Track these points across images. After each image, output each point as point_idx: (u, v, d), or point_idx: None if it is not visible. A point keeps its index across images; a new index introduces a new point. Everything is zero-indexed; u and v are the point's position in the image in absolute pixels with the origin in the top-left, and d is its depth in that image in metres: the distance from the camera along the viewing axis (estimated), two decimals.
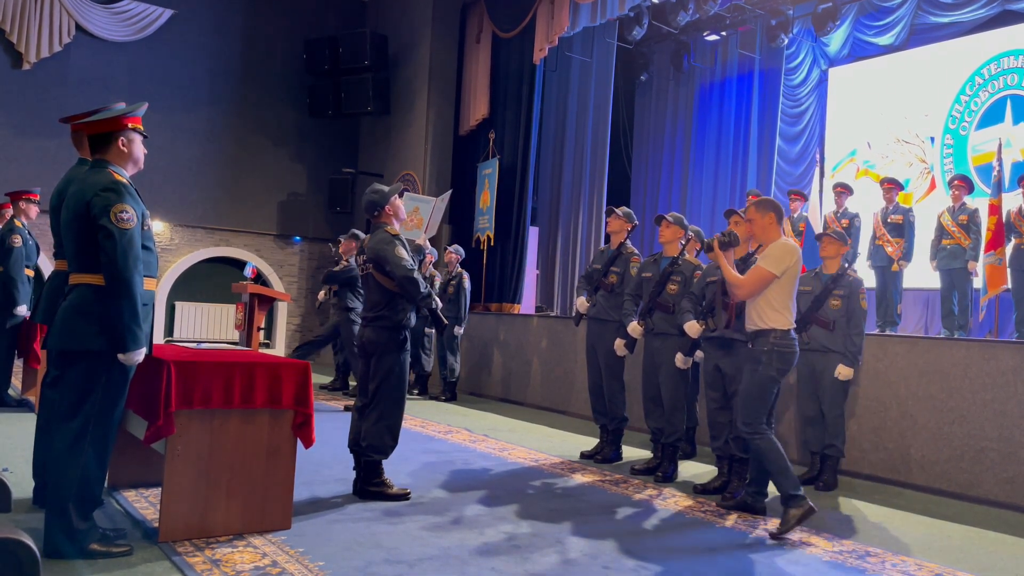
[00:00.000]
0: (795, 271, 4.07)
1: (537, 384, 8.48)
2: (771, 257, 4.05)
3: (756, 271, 4.07)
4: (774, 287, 4.05)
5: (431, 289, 4.37)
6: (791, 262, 4.04)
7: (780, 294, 4.05)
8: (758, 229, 4.21)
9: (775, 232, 4.16)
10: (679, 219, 5.39)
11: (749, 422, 4.06)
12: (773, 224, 4.17)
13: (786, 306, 4.07)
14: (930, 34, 9.57)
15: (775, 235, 4.16)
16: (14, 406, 6.48)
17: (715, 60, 11.39)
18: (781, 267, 4.02)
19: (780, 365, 4.05)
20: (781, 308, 4.06)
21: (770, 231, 4.17)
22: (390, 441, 4.25)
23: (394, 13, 12.33)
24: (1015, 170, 7.82)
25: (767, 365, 4.04)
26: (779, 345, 4.04)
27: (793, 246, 4.12)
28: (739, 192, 10.56)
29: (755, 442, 4.06)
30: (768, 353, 4.04)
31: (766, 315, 4.06)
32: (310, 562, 3.15)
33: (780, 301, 4.06)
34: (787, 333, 4.06)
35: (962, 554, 3.84)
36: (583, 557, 3.43)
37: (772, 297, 4.06)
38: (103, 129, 3.17)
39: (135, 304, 3.03)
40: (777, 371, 4.06)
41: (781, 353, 4.04)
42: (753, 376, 4.10)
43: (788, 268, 4.03)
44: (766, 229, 4.17)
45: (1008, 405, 4.83)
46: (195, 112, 11.71)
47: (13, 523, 3.30)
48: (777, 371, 4.06)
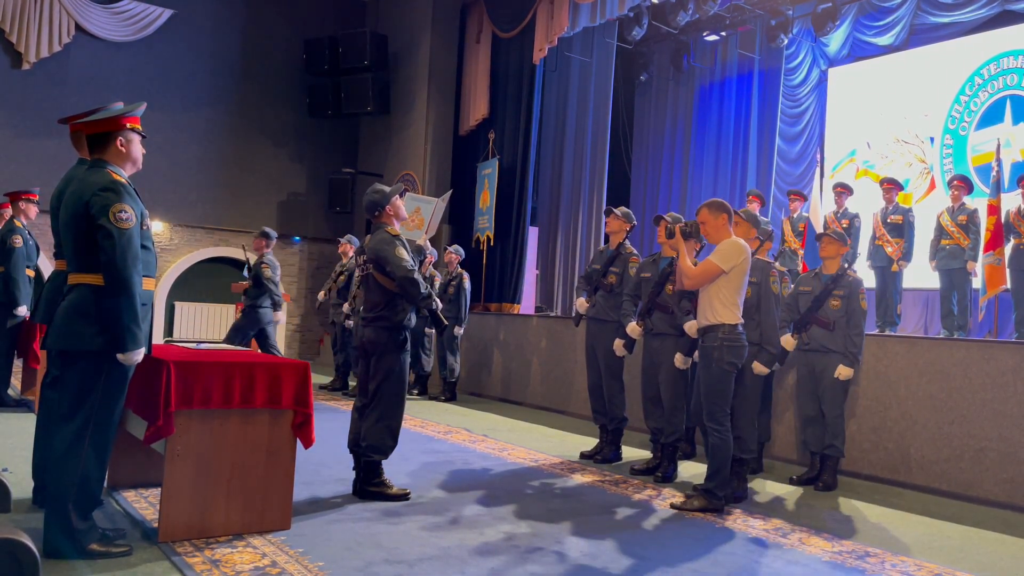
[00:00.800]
0: (743, 268, 4.27)
1: (537, 384, 8.48)
2: (721, 253, 4.26)
3: (706, 264, 4.28)
4: (723, 283, 4.24)
5: (431, 289, 4.37)
6: (739, 260, 4.24)
7: (729, 290, 4.25)
8: (711, 229, 4.39)
9: (727, 232, 4.37)
10: (678, 220, 5.38)
11: (713, 418, 4.29)
12: (725, 225, 4.37)
13: (734, 302, 4.27)
14: (930, 34, 9.57)
15: (727, 235, 4.36)
16: (13, 406, 6.48)
17: (715, 60, 11.38)
18: (730, 264, 4.22)
19: (731, 358, 4.26)
20: (730, 304, 4.26)
21: (722, 231, 4.37)
22: (390, 441, 4.25)
23: (394, 13, 12.33)
24: (1015, 170, 7.82)
25: (719, 360, 4.24)
26: (728, 340, 4.24)
27: (743, 246, 4.32)
28: (739, 192, 10.55)
29: (715, 437, 4.29)
30: (719, 348, 4.24)
31: (716, 311, 4.26)
32: (310, 562, 3.15)
33: (729, 297, 4.25)
34: (735, 328, 4.26)
35: (962, 554, 3.84)
36: (583, 557, 3.43)
37: (722, 293, 4.25)
38: (101, 129, 3.17)
39: (134, 304, 3.03)
40: (729, 364, 4.26)
41: (731, 347, 4.25)
42: (708, 372, 4.29)
43: (736, 265, 4.23)
44: (718, 229, 4.37)
45: (1007, 405, 4.83)
46: (195, 112, 11.71)
47: (13, 523, 3.31)
48: (729, 364, 4.26)
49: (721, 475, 4.29)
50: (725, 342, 4.24)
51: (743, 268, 4.27)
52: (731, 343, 4.25)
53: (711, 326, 4.27)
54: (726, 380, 4.30)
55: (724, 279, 4.24)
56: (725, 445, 4.30)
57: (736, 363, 4.30)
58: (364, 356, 4.34)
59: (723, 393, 4.30)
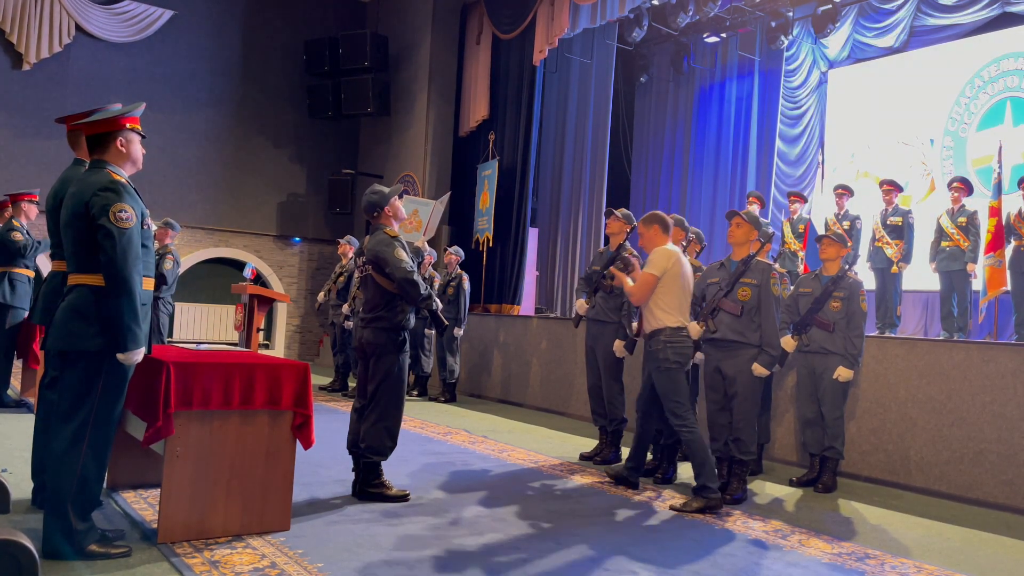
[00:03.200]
0: (675, 271, 4.51)
1: (536, 385, 8.47)
2: (651, 263, 4.57)
3: (642, 277, 4.57)
4: (661, 291, 4.52)
5: (431, 290, 4.37)
6: (669, 264, 4.50)
7: (666, 296, 4.52)
8: (646, 240, 4.71)
9: (660, 240, 4.66)
10: (679, 221, 5.39)
11: (676, 415, 4.50)
12: (658, 234, 4.67)
13: (673, 306, 4.52)
14: (930, 36, 9.57)
15: (661, 243, 4.65)
16: (13, 407, 6.48)
17: (715, 62, 11.39)
18: (660, 269, 4.49)
19: (676, 357, 4.49)
20: (668, 309, 4.52)
21: (655, 240, 4.67)
22: (389, 442, 4.25)
23: (394, 14, 12.33)
24: (1015, 172, 7.82)
25: (665, 360, 4.48)
26: (671, 341, 4.49)
27: (670, 250, 4.59)
28: (739, 194, 10.56)
29: (684, 434, 4.49)
30: (663, 349, 4.49)
31: (657, 316, 4.53)
32: (309, 563, 3.15)
33: (667, 302, 4.52)
34: (678, 330, 4.52)
35: (961, 556, 3.84)
36: (582, 558, 3.43)
37: (660, 300, 4.52)
38: (101, 129, 3.17)
39: (134, 303, 3.03)
40: (675, 363, 4.49)
41: (674, 347, 4.49)
42: (658, 374, 4.53)
43: (667, 269, 4.49)
44: (652, 239, 4.68)
45: (1007, 407, 4.83)
46: (195, 113, 11.72)
47: (12, 524, 3.31)
48: (675, 363, 4.49)
49: (707, 468, 4.40)
50: (668, 343, 4.48)
51: (675, 271, 4.50)
52: (674, 343, 4.48)
53: (654, 330, 4.53)
54: (677, 378, 4.50)
55: (660, 286, 4.49)
56: (696, 438, 4.45)
57: (681, 361, 4.50)
58: (363, 357, 4.34)
59: (678, 391, 4.50)
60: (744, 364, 4.62)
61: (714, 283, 4.80)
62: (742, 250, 4.77)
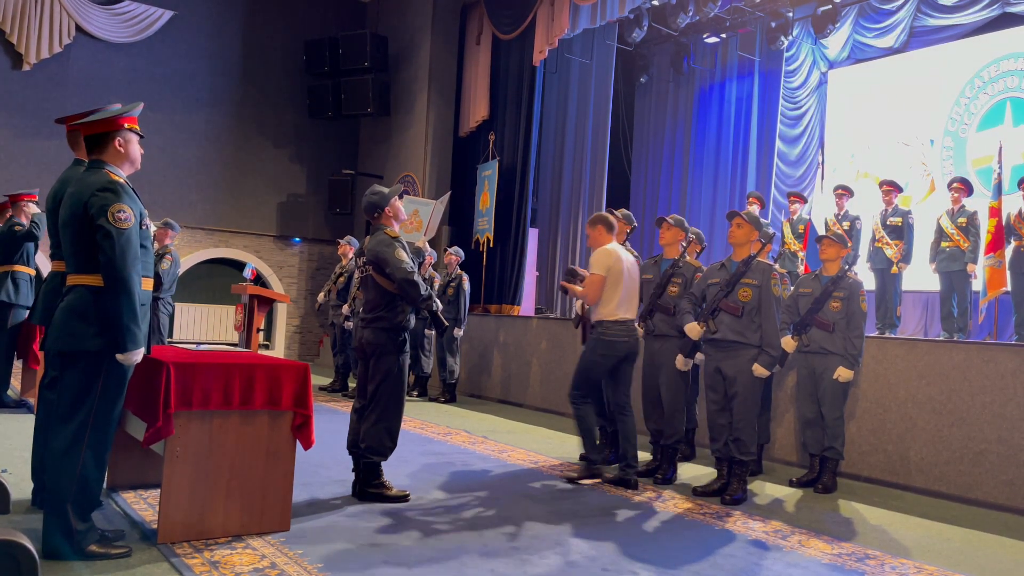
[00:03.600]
0: (617, 268, 4.80)
1: (537, 386, 8.47)
2: (594, 263, 4.85)
3: (589, 279, 4.87)
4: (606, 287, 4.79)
5: (431, 291, 4.37)
6: (611, 261, 4.79)
7: (609, 291, 4.80)
8: (591, 240, 5.00)
9: (604, 240, 4.94)
10: (680, 221, 5.39)
11: (577, 389, 4.92)
12: (602, 234, 4.95)
13: (610, 299, 4.80)
14: (930, 36, 9.57)
15: (604, 242, 4.93)
16: (13, 407, 6.48)
17: (715, 62, 11.39)
18: (604, 268, 4.78)
19: (603, 351, 4.83)
20: (606, 302, 4.81)
21: (600, 240, 4.94)
22: (389, 443, 4.25)
23: (394, 14, 12.33)
24: (1015, 173, 7.82)
25: (593, 351, 4.87)
26: (604, 334, 4.81)
27: (610, 249, 4.87)
28: (739, 194, 10.55)
29: (576, 407, 4.92)
30: (596, 341, 4.84)
31: (598, 310, 4.86)
32: (309, 563, 3.15)
33: (609, 296, 4.80)
34: (612, 324, 4.80)
35: (962, 556, 3.84)
36: (583, 559, 3.43)
37: (604, 295, 4.81)
38: (100, 130, 3.17)
39: (134, 304, 3.02)
40: (600, 356, 4.85)
41: (604, 341, 4.81)
42: (584, 356, 4.95)
43: (610, 267, 4.78)
44: (596, 240, 4.96)
45: (1007, 407, 4.83)
46: (195, 113, 11.72)
47: (12, 524, 3.30)
48: (600, 356, 4.85)
49: (589, 439, 4.92)
50: (601, 336, 4.82)
51: (617, 268, 4.80)
52: (604, 337, 4.81)
53: (595, 322, 4.91)
54: (595, 368, 4.88)
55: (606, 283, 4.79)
56: (583, 413, 4.89)
57: (607, 355, 4.83)
58: (363, 357, 4.33)
59: (589, 377, 4.91)
60: (744, 364, 4.62)
61: (715, 284, 4.80)
62: (743, 251, 4.78)
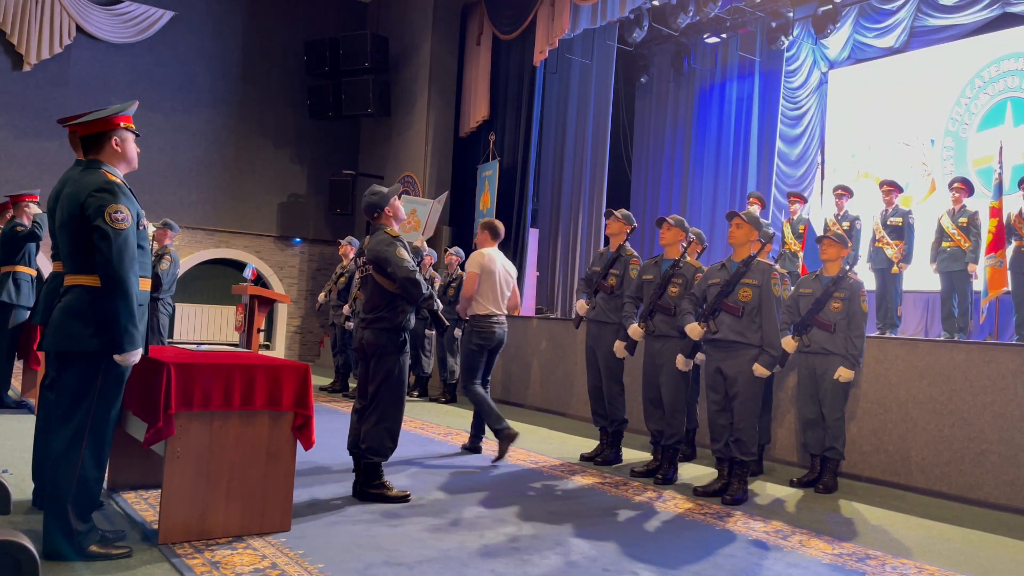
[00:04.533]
0: (489, 268, 5.55)
1: (537, 386, 8.47)
2: (469, 263, 5.61)
3: (466, 276, 5.62)
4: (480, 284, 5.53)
5: (432, 290, 4.37)
6: (484, 260, 5.56)
7: (481, 287, 5.55)
8: (477, 242, 5.79)
9: (487, 244, 5.71)
10: (680, 221, 5.38)
11: (464, 379, 5.61)
12: (486, 239, 5.73)
13: (484, 296, 5.55)
14: (930, 36, 9.57)
15: (486, 246, 5.69)
16: (14, 408, 6.48)
17: (715, 62, 11.39)
18: (478, 266, 5.54)
19: (478, 340, 5.57)
20: (480, 299, 5.56)
21: (483, 243, 5.73)
22: (389, 443, 4.25)
23: (395, 15, 12.34)
24: (1016, 173, 7.82)
25: (469, 341, 5.59)
26: (476, 326, 5.57)
27: (484, 252, 5.62)
28: (739, 194, 10.55)
29: (468, 392, 5.55)
30: (471, 332, 5.57)
31: (472, 306, 5.58)
32: (310, 564, 3.14)
33: (481, 292, 5.55)
34: (484, 317, 5.55)
35: (962, 557, 3.83)
36: (583, 559, 3.43)
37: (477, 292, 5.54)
38: (96, 129, 3.16)
39: (131, 304, 3.02)
40: (476, 345, 5.57)
41: (477, 332, 5.56)
42: (463, 348, 5.69)
43: (483, 266, 5.53)
44: (480, 242, 5.76)
45: (1008, 408, 4.82)
46: (195, 113, 11.72)
47: (12, 525, 3.30)
48: (476, 345, 5.57)
49: (490, 416, 5.45)
50: (475, 327, 5.56)
51: (489, 268, 5.55)
52: (479, 329, 5.55)
53: (469, 316, 5.59)
54: (474, 357, 5.58)
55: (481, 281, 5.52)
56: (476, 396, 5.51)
57: (482, 344, 5.55)
58: (363, 358, 4.33)
59: (471, 367, 5.58)
60: (745, 365, 4.62)
61: (715, 284, 4.79)
62: (743, 251, 4.78)
